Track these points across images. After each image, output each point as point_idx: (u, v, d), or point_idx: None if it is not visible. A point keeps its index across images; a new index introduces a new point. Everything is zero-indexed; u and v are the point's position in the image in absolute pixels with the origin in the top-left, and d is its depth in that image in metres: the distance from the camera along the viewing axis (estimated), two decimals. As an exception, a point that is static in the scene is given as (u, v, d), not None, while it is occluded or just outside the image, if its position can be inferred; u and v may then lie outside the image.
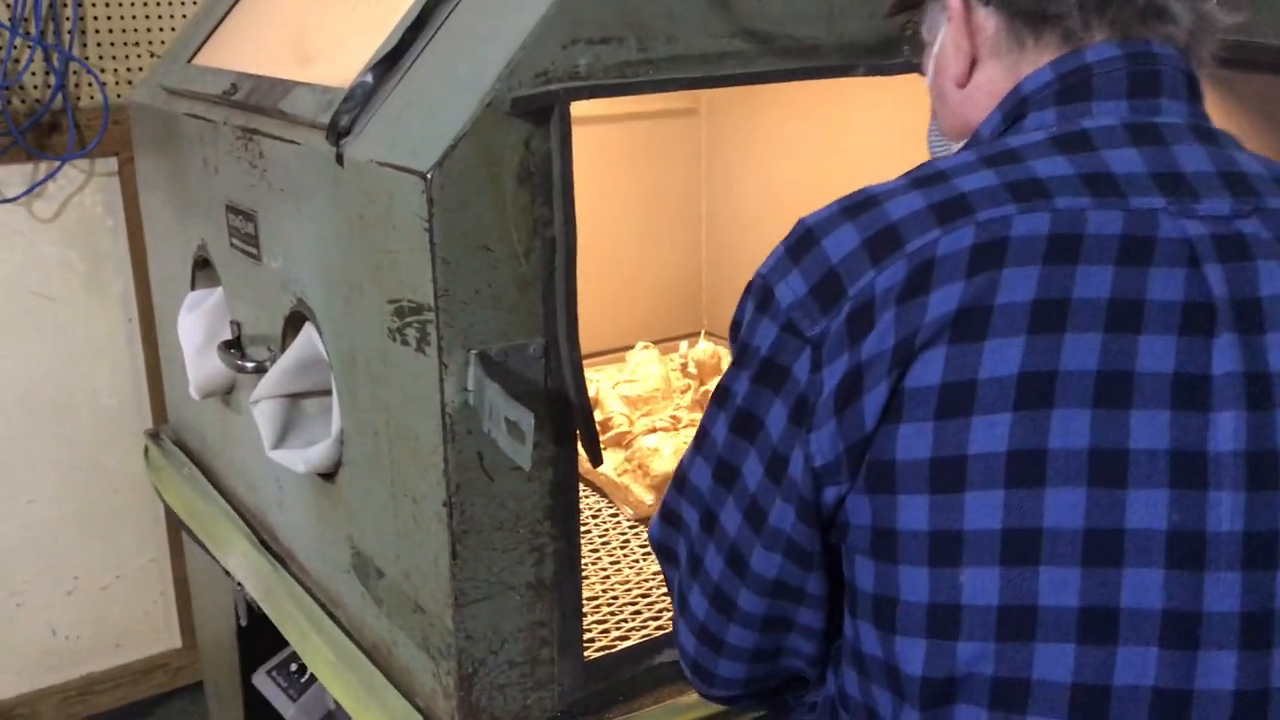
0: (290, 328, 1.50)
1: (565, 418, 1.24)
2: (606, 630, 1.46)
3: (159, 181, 1.89)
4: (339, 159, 1.27)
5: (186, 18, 2.33)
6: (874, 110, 1.98)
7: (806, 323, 0.82)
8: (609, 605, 1.53)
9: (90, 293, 2.36)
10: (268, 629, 1.70)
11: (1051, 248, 0.77)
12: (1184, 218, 0.79)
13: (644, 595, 1.55)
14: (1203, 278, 0.77)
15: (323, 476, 1.47)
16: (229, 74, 1.61)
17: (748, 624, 0.91)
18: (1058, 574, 0.74)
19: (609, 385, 1.98)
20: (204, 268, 1.76)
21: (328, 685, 1.46)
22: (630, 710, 1.33)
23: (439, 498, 1.21)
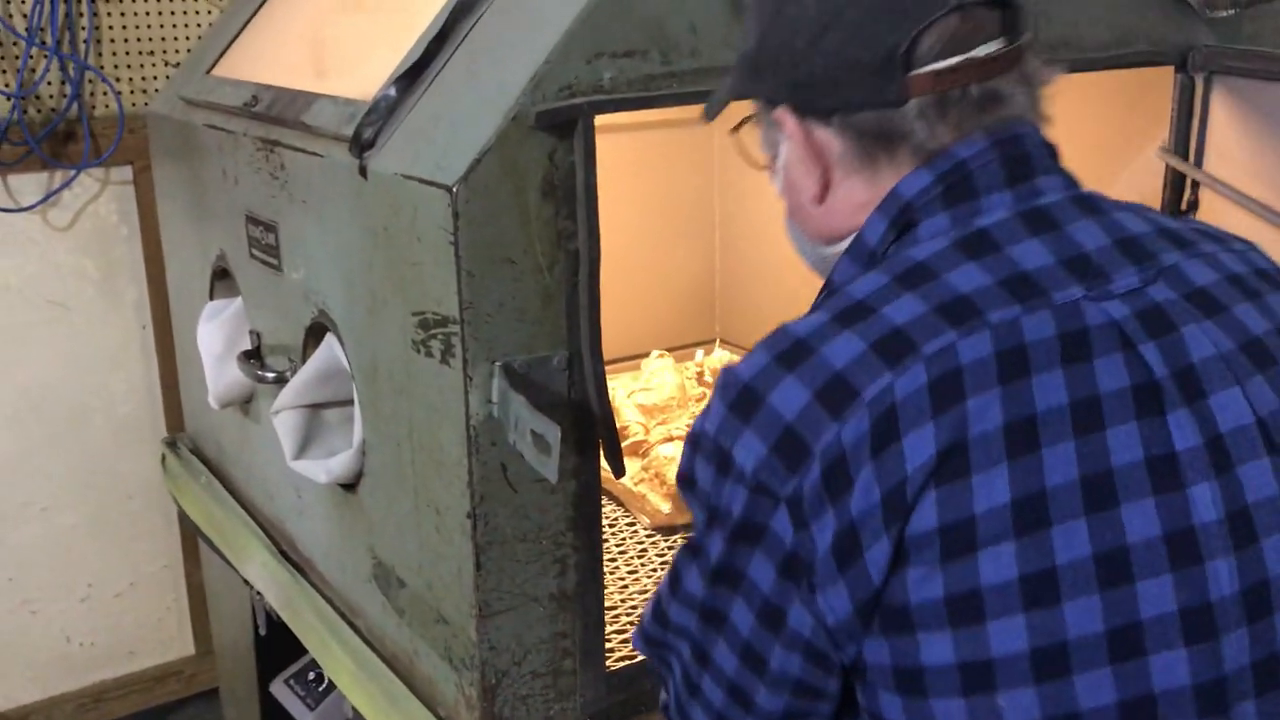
0: (311, 338, 1.50)
1: (587, 429, 1.25)
2: (626, 640, 1.46)
3: (177, 192, 1.90)
4: (363, 171, 1.27)
5: (201, 28, 2.33)
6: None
7: (775, 482, 0.81)
8: (628, 615, 1.53)
9: (105, 301, 2.36)
10: (285, 637, 1.70)
11: (1002, 367, 0.79)
12: (1104, 300, 0.83)
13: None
14: (1140, 358, 0.81)
15: (344, 487, 1.48)
16: (249, 85, 1.62)
17: None
18: (1091, 678, 0.77)
19: (624, 394, 1.98)
20: (223, 278, 1.77)
21: (349, 695, 1.46)
22: (652, 721, 1.34)
23: (463, 509, 1.22)
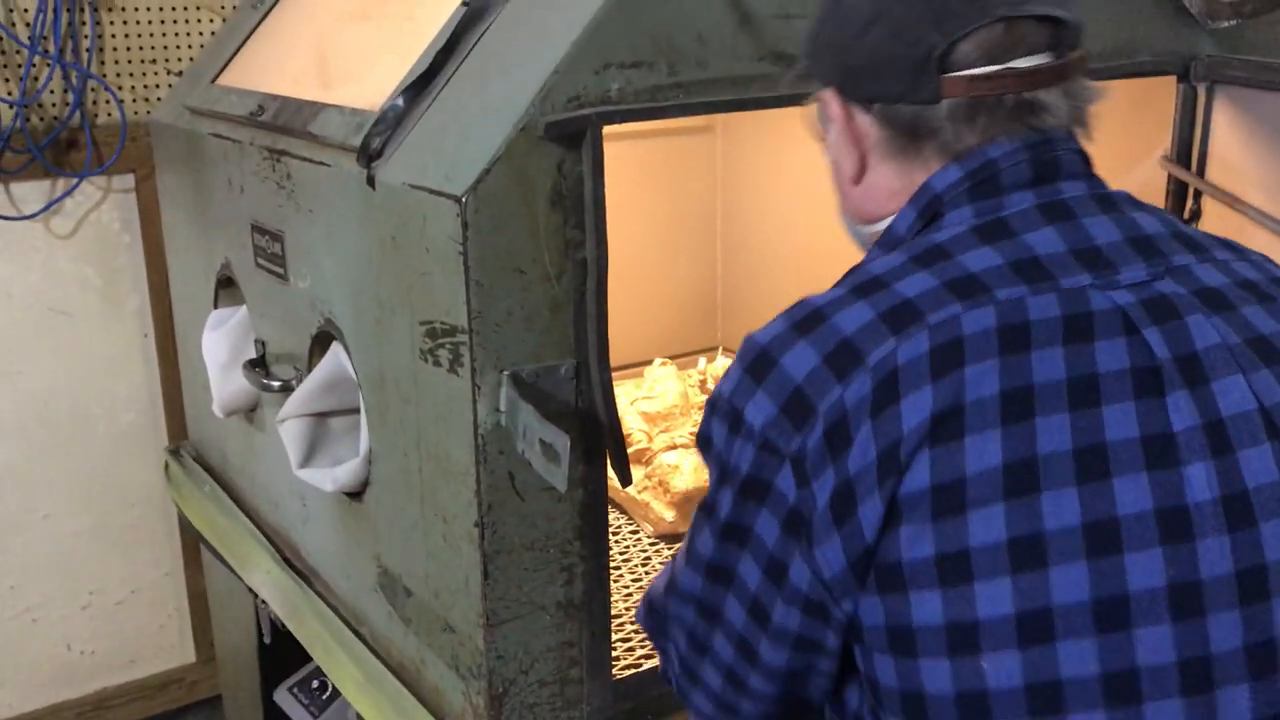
0: (317, 347, 1.51)
1: (595, 438, 1.25)
2: (631, 649, 1.47)
3: (181, 200, 1.90)
4: (371, 181, 1.28)
5: (204, 36, 2.34)
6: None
7: (782, 440, 0.84)
8: (633, 623, 1.53)
9: (107, 309, 2.36)
10: (288, 645, 1.70)
11: (1003, 340, 0.82)
12: (1110, 290, 0.85)
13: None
14: (1144, 342, 0.82)
15: (349, 495, 1.48)
16: (255, 95, 1.62)
17: (761, 698, 0.95)
18: (1075, 646, 0.78)
19: (628, 402, 1.98)
20: (227, 286, 1.77)
21: (355, 704, 1.46)
22: (659, 729, 1.34)
23: (470, 518, 1.22)
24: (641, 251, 2.31)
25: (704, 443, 0.92)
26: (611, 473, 1.27)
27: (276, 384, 1.57)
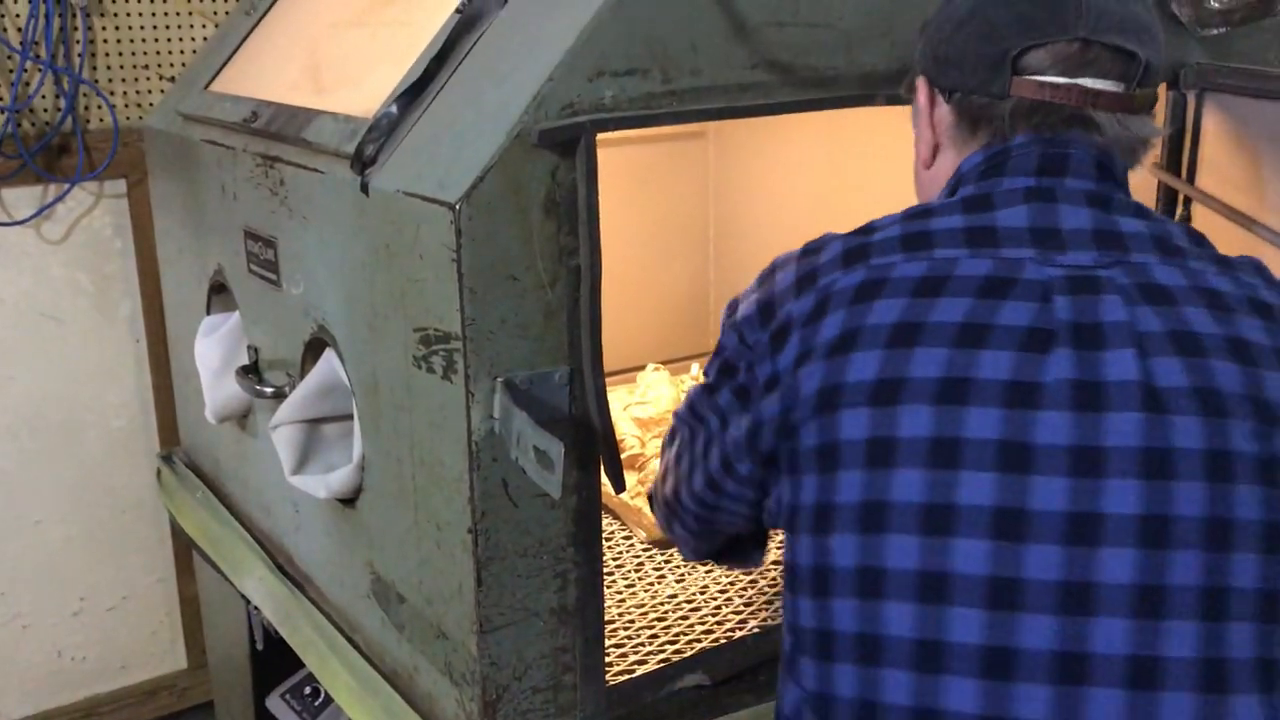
0: (310, 353, 1.51)
1: (588, 444, 1.25)
2: (624, 655, 1.47)
3: (174, 207, 1.90)
4: (364, 188, 1.28)
5: (196, 42, 2.34)
6: (881, 133, 1.99)
7: (749, 333, 1.03)
8: (625, 629, 1.53)
9: (98, 314, 2.36)
10: (281, 651, 1.70)
11: (921, 285, 0.94)
12: (1047, 265, 0.93)
13: (660, 619, 1.56)
14: (1051, 308, 0.91)
15: (342, 502, 1.48)
16: (248, 101, 1.62)
17: (690, 514, 1.16)
18: (899, 540, 0.89)
19: (620, 407, 1.99)
20: (220, 292, 1.77)
21: (348, 711, 1.46)
22: (652, 735, 1.34)
23: (464, 524, 1.22)
24: (634, 257, 2.32)
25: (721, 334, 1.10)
26: (604, 479, 1.27)
27: (269, 390, 1.57)
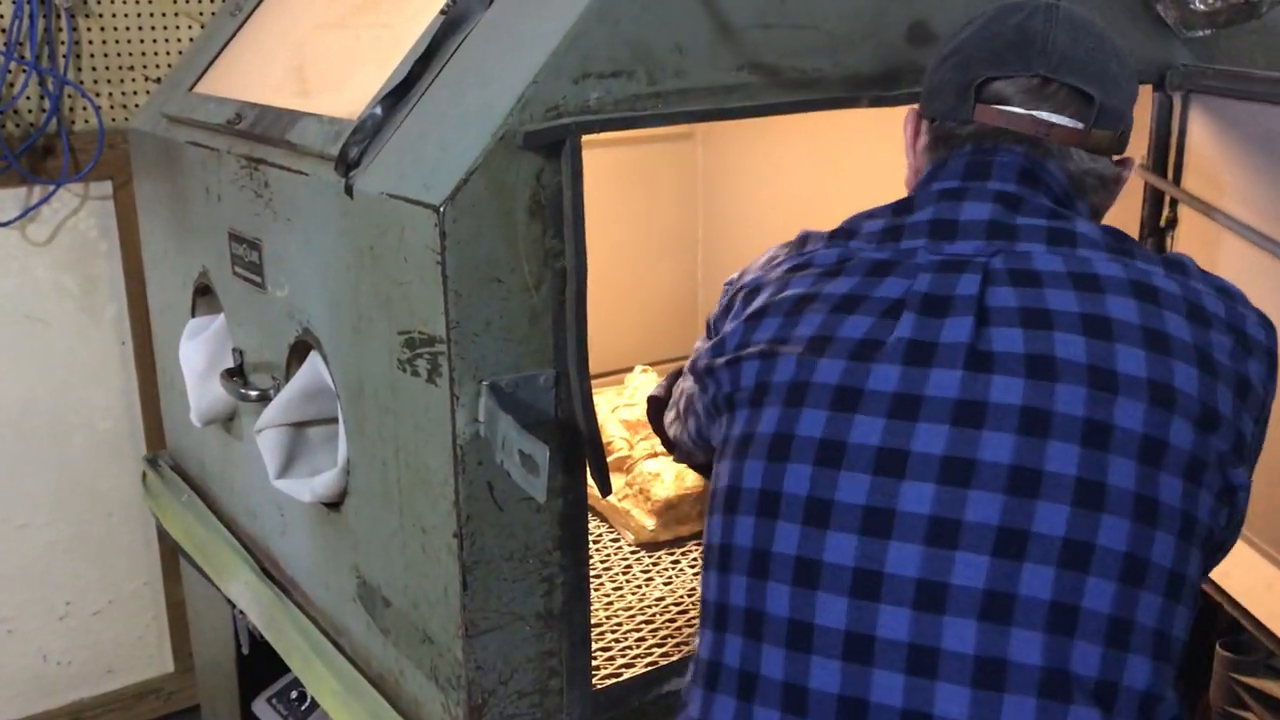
0: (295, 356, 1.50)
1: (574, 447, 1.25)
2: (612, 658, 1.46)
3: (159, 209, 1.89)
4: (349, 190, 1.27)
5: (182, 43, 2.33)
6: (868, 134, 1.99)
7: (724, 298, 1.20)
8: (613, 632, 1.53)
9: (84, 316, 2.35)
10: (267, 655, 1.69)
11: (830, 267, 1.10)
12: (932, 254, 1.06)
13: (648, 622, 1.55)
14: (913, 284, 1.04)
15: (328, 506, 1.47)
16: (232, 103, 1.61)
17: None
18: (753, 464, 1.04)
19: (608, 410, 1.98)
20: (205, 294, 1.76)
21: (334, 715, 1.46)
22: (639, 739, 1.34)
23: (449, 529, 1.22)
24: (622, 258, 2.31)
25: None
26: (591, 481, 1.27)
27: (254, 393, 1.56)
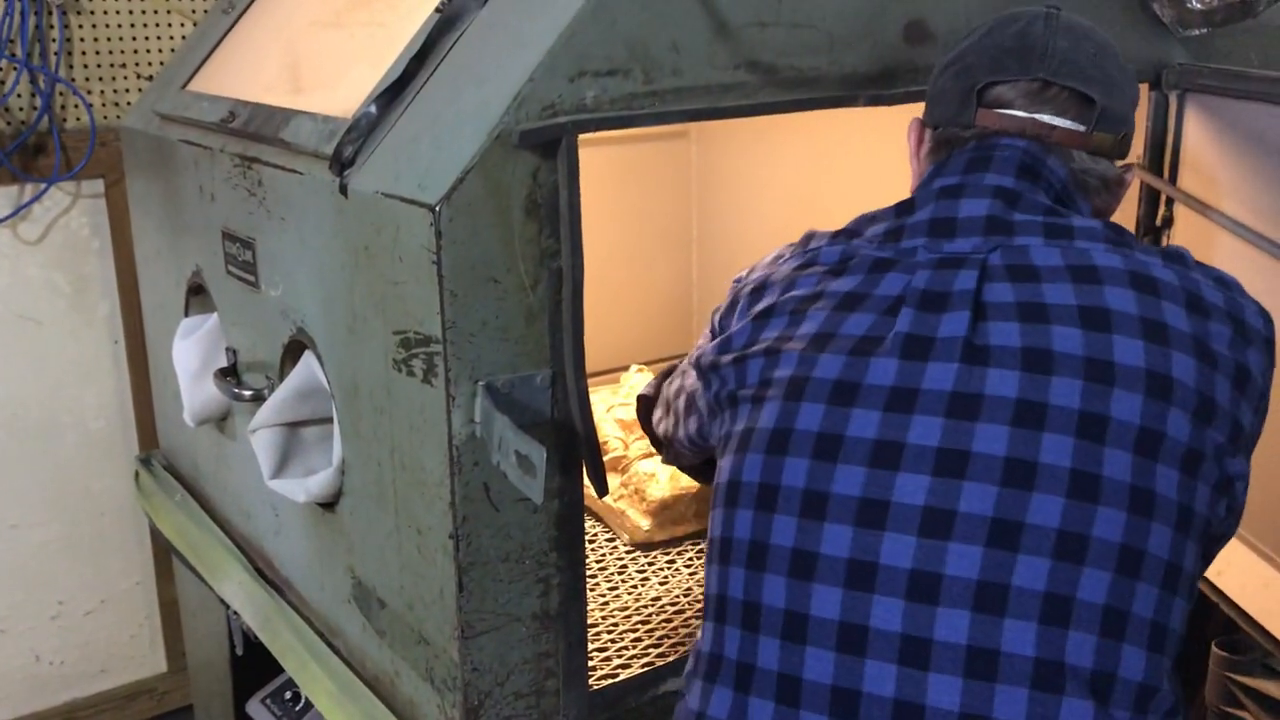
0: (289, 356, 1.49)
1: (571, 448, 1.24)
2: (608, 659, 1.46)
3: (151, 207, 1.88)
4: (343, 190, 1.26)
5: (174, 40, 2.32)
6: (863, 133, 1.99)
7: (730, 295, 1.21)
8: (609, 632, 1.52)
9: (76, 315, 2.34)
10: (261, 656, 1.69)
11: (834, 266, 1.11)
12: (931, 252, 1.07)
13: (644, 622, 1.55)
14: (912, 281, 1.05)
15: (322, 506, 1.47)
16: (226, 101, 1.61)
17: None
18: (752, 458, 1.05)
19: (604, 409, 1.98)
20: (198, 294, 1.75)
21: (328, 716, 1.45)
22: (635, 740, 1.33)
23: (445, 530, 1.21)
24: (617, 257, 2.30)
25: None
26: (587, 481, 1.26)
27: (248, 393, 1.55)
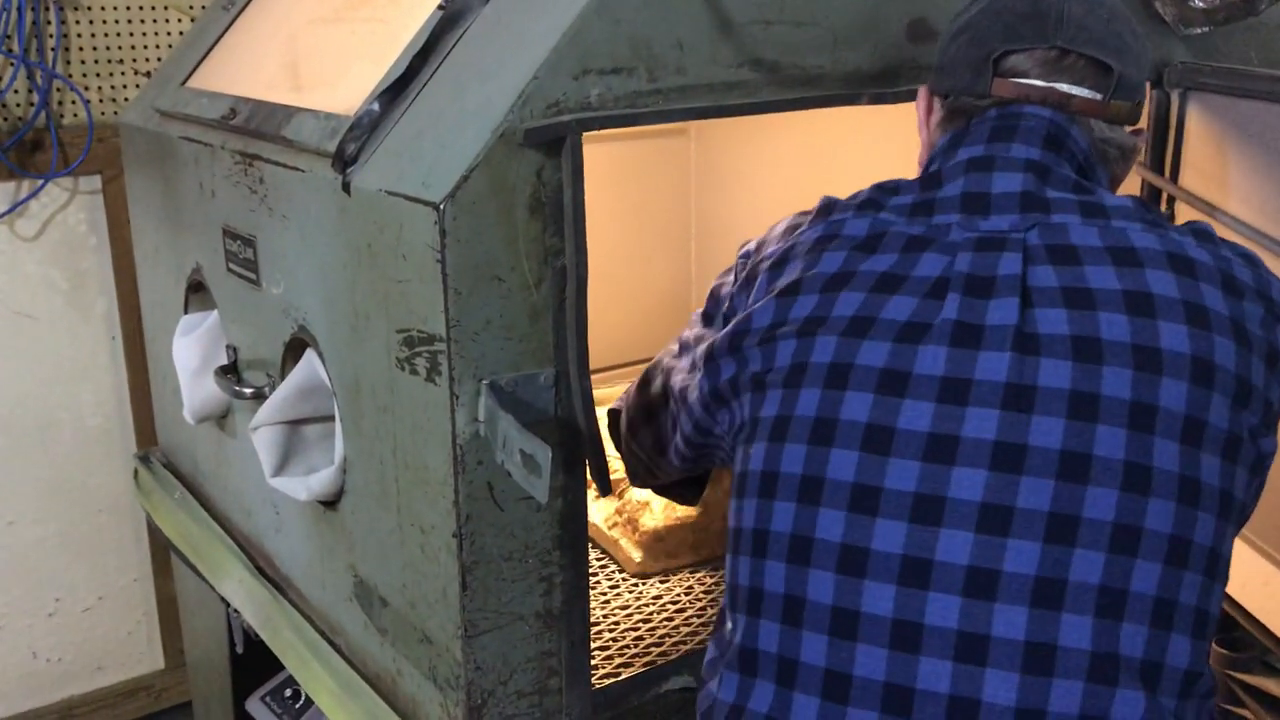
0: (290, 354, 1.49)
1: (574, 446, 1.24)
2: (610, 658, 1.46)
3: (150, 204, 1.88)
4: (346, 187, 1.26)
5: (171, 37, 2.31)
6: (862, 130, 1.99)
7: (739, 271, 1.19)
8: (610, 631, 1.52)
9: (73, 312, 2.33)
10: (261, 653, 1.69)
11: (862, 241, 1.06)
12: (967, 230, 1.03)
13: (645, 621, 1.55)
14: (953, 263, 1.01)
15: (324, 504, 1.46)
16: (226, 98, 1.60)
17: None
18: (793, 449, 1.01)
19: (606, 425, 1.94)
20: (198, 291, 1.75)
21: (329, 714, 1.45)
22: (638, 739, 1.33)
23: (449, 528, 1.21)
24: (615, 254, 2.30)
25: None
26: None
27: (249, 391, 1.55)
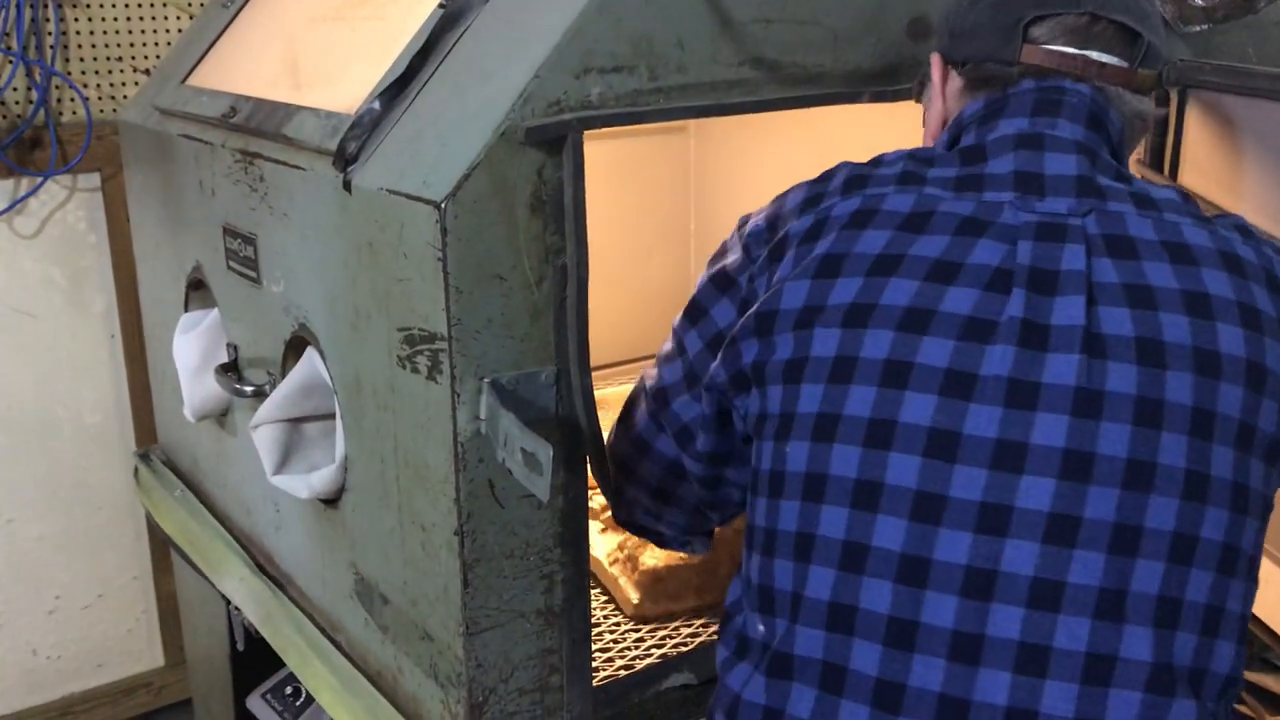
0: (291, 352, 1.49)
1: (575, 444, 1.24)
2: (610, 659, 1.46)
3: (150, 202, 1.87)
4: (347, 186, 1.26)
5: (170, 34, 2.31)
6: (862, 128, 1.99)
7: (755, 248, 1.09)
8: (611, 631, 1.52)
9: (73, 310, 2.33)
10: (261, 651, 1.69)
11: (908, 220, 0.99)
12: (1023, 211, 0.97)
13: (645, 618, 1.55)
14: (1014, 252, 0.95)
15: (324, 502, 1.46)
16: (227, 96, 1.60)
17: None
18: (843, 450, 0.95)
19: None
20: (198, 289, 1.75)
21: (330, 711, 1.45)
22: (639, 736, 1.34)
23: (450, 526, 1.21)
24: (614, 251, 2.30)
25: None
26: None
27: (249, 389, 1.55)
